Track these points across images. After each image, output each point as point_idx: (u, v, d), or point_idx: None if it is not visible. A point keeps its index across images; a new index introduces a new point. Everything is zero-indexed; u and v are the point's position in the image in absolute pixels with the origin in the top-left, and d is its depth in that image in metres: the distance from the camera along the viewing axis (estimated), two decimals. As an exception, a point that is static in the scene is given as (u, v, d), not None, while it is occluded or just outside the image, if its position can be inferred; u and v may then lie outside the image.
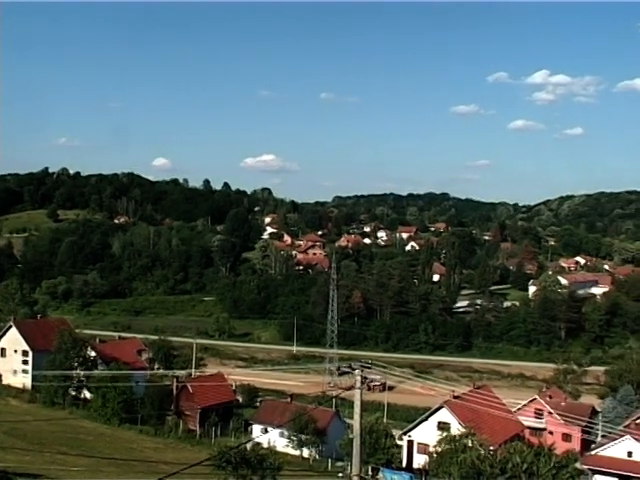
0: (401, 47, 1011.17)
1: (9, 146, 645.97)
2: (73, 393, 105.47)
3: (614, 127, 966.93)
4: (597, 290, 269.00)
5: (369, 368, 31.57)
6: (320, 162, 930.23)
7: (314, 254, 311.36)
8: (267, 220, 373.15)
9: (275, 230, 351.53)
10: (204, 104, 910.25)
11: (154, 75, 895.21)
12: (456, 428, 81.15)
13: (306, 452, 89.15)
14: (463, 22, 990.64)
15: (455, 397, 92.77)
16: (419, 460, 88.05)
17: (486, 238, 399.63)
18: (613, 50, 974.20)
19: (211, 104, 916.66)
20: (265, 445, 64.01)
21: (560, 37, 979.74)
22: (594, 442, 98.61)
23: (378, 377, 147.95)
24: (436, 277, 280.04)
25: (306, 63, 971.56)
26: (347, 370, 29.56)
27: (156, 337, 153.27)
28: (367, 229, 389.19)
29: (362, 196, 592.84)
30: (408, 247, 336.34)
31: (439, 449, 72.68)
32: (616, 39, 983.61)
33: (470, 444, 66.80)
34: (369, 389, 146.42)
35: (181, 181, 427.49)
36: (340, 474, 74.68)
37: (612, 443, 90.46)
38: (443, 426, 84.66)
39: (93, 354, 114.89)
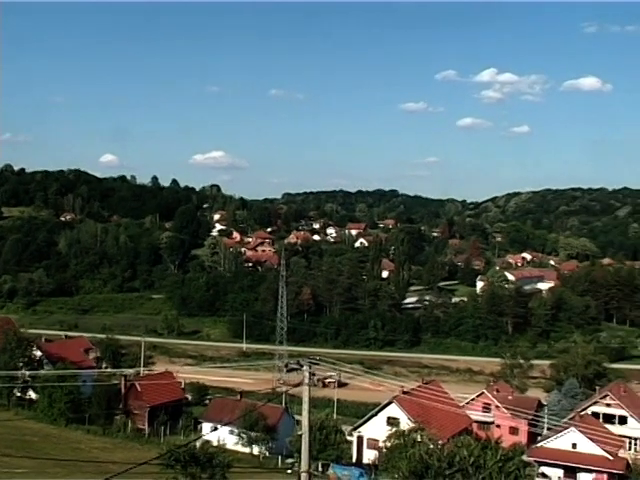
0: (351, 45, 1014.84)
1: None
2: (18, 394, 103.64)
3: (560, 125, 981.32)
4: (543, 285, 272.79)
5: (317, 364, 31.60)
6: (269, 159, 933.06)
7: (263, 251, 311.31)
8: (216, 217, 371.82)
9: (224, 227, 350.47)
10: (152, 100, 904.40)
11: (99, 70, 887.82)
12: (405, 423, 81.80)
13: (256, 449, 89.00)
14: (412, 21, 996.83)
15: (404, 392, 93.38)
16: (369, 455, 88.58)
17: (434, 234, 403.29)
18: (559, 50, 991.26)
19: (159, 100, 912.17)
20: (215, 443, 63.86)
21: (507, 36, 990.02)
22: (540, 434, 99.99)
23: (334, 374, 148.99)
24: (385, 273, 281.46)
25: (256, 59, 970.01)
26: (295, 367, 29.53)
27: (104, 336, 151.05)
28: (316, 226, 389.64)
29: (311, 193, 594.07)
30: (357, 244, 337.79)
31: (388, 444, 73.13)
32: (562, 39, 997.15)
33: (419, 439, 67.32)
34: (324, 386, 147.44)
35: (129, 178, 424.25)
36: (289, 471, 75.04)
37: (557, 435, 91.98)
38: (392, 421, 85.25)
39: (39, 354, 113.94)
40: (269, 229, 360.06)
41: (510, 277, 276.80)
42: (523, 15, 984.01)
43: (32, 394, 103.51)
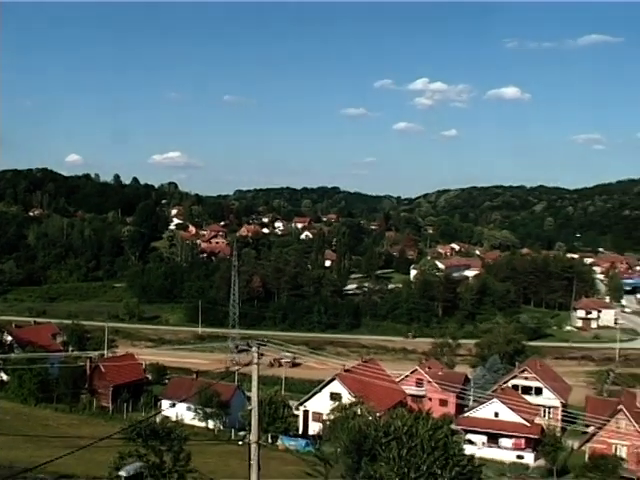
0: (298, 54, 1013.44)
1: None
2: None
3: (484, 130, 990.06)
4: (469, 273, 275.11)
5: (265, 346, 31.62)
6: (222, 158, 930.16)
7: (217, 243, 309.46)
8: (173, 212, 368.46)
9: (181, 221, 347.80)
10: (115, 104, 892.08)
11: (66, 74, 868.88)
12: (346, 398, 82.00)
13: (211, 423, 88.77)
14: (353, 34, 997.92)
15: (345, 370, 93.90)
16: (314, 427, 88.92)
17: (372, 227, 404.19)
18: (483, 62, 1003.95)
19: (121, 104, 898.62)
20: (173, 418, 63.42)
21: (438, 50, 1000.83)
22: (467, 406, 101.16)
23: (288, 355, 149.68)
24: (328, 263, 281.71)
25: (211, 67, 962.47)
26: (245, 348, 29.70)
27: (70, 321, 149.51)
28: (265, 220, 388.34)
29: (261, 190, 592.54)
30: (302, 236, 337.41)
31: (331, 417, 73.32)
32: (486, 53, 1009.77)
33: (359, 412, 67.57)
34: (280, 365, 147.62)
35: (93, 176, 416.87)
36: (240, 442, 74.89)
37: (482, 406, 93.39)
38: (335, 396, 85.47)
39: (9, 338, 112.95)
40: (222, 223, 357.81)
41: (440, 265, 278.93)
42: (452, 31, 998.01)
43: (3, 376, 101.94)
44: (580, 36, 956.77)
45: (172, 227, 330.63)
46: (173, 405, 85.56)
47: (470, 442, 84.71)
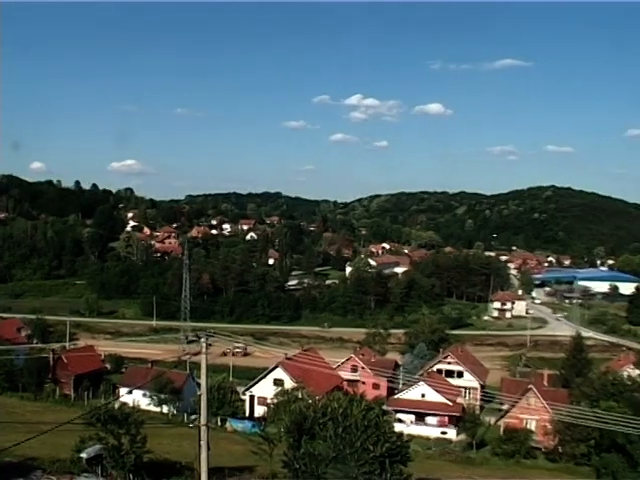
0: (244, 70, 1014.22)
1: None
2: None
3: (412, 141, 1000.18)
4: (399, 269, 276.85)
5: (212, 337, 31.73)
6: (174, 166, 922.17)
7: (169, 243, 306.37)
8: (129, 215, 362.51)
9: (136, 223, 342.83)
10: (76, 115, 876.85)
11: (29, 87, 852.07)
12: (289, 383, 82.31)
13: (165, 408, 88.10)
14: (294, 48, 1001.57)
15: (287, 358, 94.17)
16: (259, 411, 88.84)
17: (311, 229, 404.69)
18: (411, 81, 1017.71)
19: (81, 116, 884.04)
20: (130, 404, 62.96)
21: (371, 68, 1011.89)
22: (397, 388, 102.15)
23: (241, 345, 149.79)
24: (271, 261, 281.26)
25: (163, 81, 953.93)
26: (194, 339, 29.80)
27: (34, 316, 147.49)
28: (214, 222, 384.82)
29: (210, 194, 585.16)
30: (248, 237, 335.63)
31: (275, 401, 73.47)
32: (413, 72, 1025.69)
33: (300, 395, 67.83)
34: (233, 355, 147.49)
35: (55, 182, 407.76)
36: (191, 425, 74.69)
37: (410, 388, 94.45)
38: (278, 382, 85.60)
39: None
40: (174, 225, 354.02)
41: (372, 263, 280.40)
42: (384, 52, 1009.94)
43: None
44: (496, 60, 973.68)
45: (128, 229, 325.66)
46: (130, 392, 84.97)
47: (400, 421, 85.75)
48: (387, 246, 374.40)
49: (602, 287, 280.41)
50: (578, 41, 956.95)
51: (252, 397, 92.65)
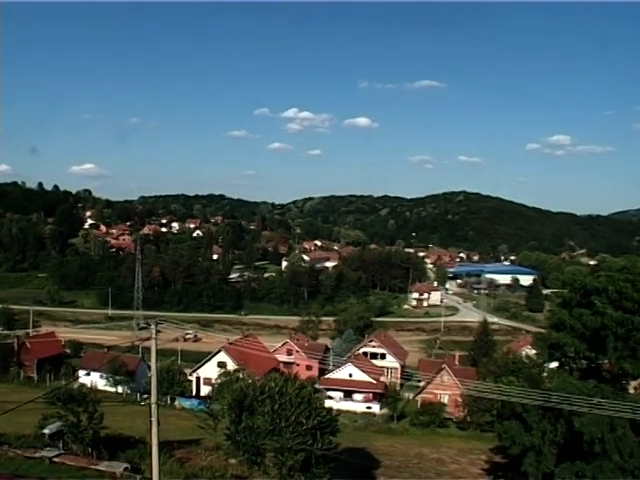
0: (190, 84, 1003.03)
1: None
2: None
3: (342, 150, 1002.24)
4: (329, 264, 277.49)
5: (162, 324, 31.67)
6: (129, 169, 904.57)
7: (124, 240, 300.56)
8: (88, 214, 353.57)
9: (94, 222, 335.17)
10: (40, 122, 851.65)
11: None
12: (231, 365, 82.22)
13: (120, 389, 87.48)
14: (239, 69, 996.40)
15: (230, 343, 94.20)
16: (205, 390, 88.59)
17: (252, 227, 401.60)
18: (341, 96, 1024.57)
19: (44, 123, 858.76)
20: (88, 385, 62.12)
21: (306, 84, 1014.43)
22: (327, 369, 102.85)
23: (192, 331, 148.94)
24: (215, 256, 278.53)
25: (119, 91, 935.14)
26: (145, 326, 29.74)
27: (0, 306, 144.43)
28: (164, 221, 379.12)
29: (161, 196, 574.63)
30: (194, 234, 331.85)
31: (219, 381, 73.35)
32: (343, 89, 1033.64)
33: (241, 376, 67.78)
34: (185, 340, 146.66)
35: (20, 183, 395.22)
36: (142, 403, 74.16)
37: (339, 369, 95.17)
38: (222, 364, 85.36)
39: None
40: (128, 223, 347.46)
41: (306, 258, 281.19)
42: (317, 71, 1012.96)
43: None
44: (416, 80, 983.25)
45: (86, 227, 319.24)
46: (88, 374, 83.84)
47: (330, 397, 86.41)
48: (319, 243, 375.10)
49: (505, 279, 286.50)
50: (483, 72, 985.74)
51: (198, 378, 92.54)
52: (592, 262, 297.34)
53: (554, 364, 45.33)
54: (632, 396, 39.15)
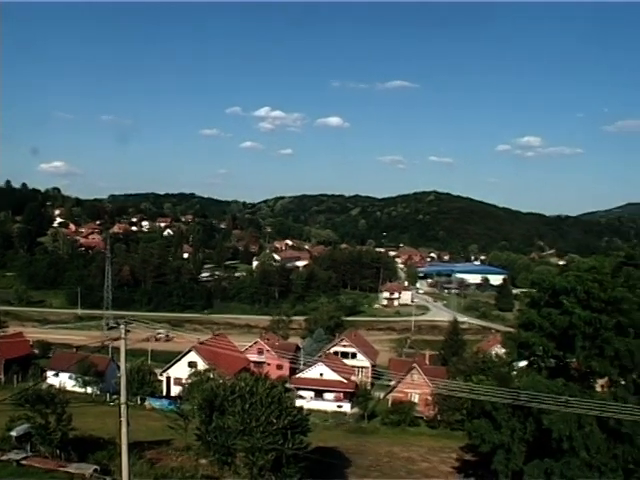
0: (164, 83, 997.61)
1: None
2: None
3: (314, 149, 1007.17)
4: (300, 263, 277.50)
5: (131, 324, 31.50)
6: (99, 168, 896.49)
7: (93, 239, 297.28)
8: (56, 212, 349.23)
9: (63, 220, 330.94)
10: (9, 121, 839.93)
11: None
12: (201, 365, 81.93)
13: (89, 389, 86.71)
14: (212, 70, 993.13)
15: (200, 343, 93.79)
16: (175, 390, 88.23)
17: (222, 227, 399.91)
18: (313, 96, 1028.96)
19: (14, 121, 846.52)
20: (57, 386, 61.46)
21: (278, 83, 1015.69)
22: (298, 369, 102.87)
23: (163, 331, 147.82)
24: (185, 255, 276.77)
25: (90, 89, 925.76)
26: (114, 326, 29.52)
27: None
28: (134, 219, 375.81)
29: (131, 194, 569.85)
30: (165, 233, 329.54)
31: (189, 381, 73.09)
32: (315, 88, 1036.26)
33: (211, 376, 67.65)
34: (157, 340, 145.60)
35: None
36: (112, 403, 73.52)
37: (310, 368, 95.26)
38: (192, 364, 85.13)
39: None
40: (98, 222, 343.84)
41: (277, 257, 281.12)
42: (289, 71, 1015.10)
43: None
44: (388, 81, 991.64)
45: (55, 225, 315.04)
46: (57, 375, 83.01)
47: (301, 397, 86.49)
48: (290, 242, 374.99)
49: (475, 279, 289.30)
50: (455, 73, 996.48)
51: (169, 378, 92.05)
52: (561, 262, 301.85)
53: (523, 363, 45.80)
54: (599, 394, 39.70)
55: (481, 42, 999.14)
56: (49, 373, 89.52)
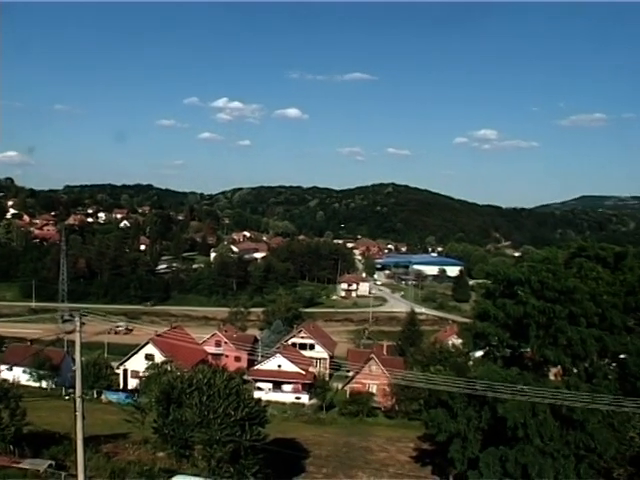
0: (120, 72, 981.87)
1: None
2: None
3: (272, 140, 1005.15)
4: (258, 255, 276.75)
5: (86, 316, 31.06)
6: (54, 158, 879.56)
7: (48, 230, 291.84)
8: (10, 203, 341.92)
9: (17, 211, 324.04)
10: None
11: None
12: (159, 357, 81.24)
13: (44, 383, 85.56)
14: (165, 55, 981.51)
15: (158, 335, 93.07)
16: (132, 383, 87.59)
17: (180, 218, 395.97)
18: (272, 87, 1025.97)
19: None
20: (10, 380, 60.28)
21: (237, 74, 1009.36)
22: (256, 360, 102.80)
23: (123, 324, 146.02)
24: (143, 247, 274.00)
25: (42, 76, 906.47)
26: (69, 318, 29.09)
27: None
28: (90, 211, 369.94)
29: (86, 185, 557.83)
30: (121, 225, 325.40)
31: (146, 374, 72.40)
32: (274, 80, 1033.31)
33: (169, 369, 67.05)
34: (116, 333, 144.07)
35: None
36: (67, 397, 72.56)
37: (268, 360, 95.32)
38: (149, 357, 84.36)
39: None
40: (53, 213, 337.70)
41: (234, 249, 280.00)
42: (248, 62, 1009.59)
43: None
44: (347, 73, 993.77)
45: (9, 216, 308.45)
46: (10, 369, 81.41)
47: (259, 389, 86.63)
48: (248, 234, 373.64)
49: (432, 270, 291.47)
50: (413, 66, 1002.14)
51: (125, 371, 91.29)
52: (516, 254, 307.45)
53: (479, 353, 46.49)
54: (553, 382, 40.50)
55: (439, 37, 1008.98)
56: (2, 367, 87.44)
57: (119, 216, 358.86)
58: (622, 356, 42.24)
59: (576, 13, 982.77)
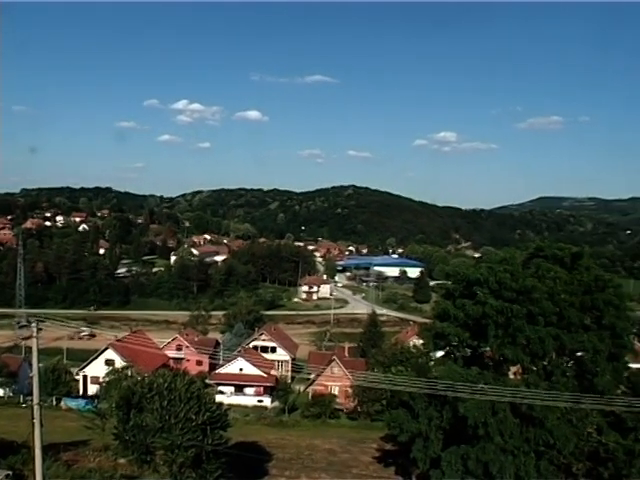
0: (78, 73, 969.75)
1: None
2: None
3: (232, 143, 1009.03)
4: (219, 258, 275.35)
5: (43, 322, 30.48)
6: (9, 161, 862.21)
7: (4, 234, 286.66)
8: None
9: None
10: None
11: None
12: (119, 363, 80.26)
13: (1, 391, 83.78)
14: (126, 56, 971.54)
15: (118, 340, 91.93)
16: (92, 389, 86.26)
17: (139, 221, 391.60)
18: (232, 89, 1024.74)
19: None
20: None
21: (197, 76, 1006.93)
22: (218, 364, 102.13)
23: (86, 329, 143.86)
24: (102, 251, 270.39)
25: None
26: (25, 324, 28.42)
27: None
28: (48, 214, 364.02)
29: (44, 188, 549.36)
30: (80, 228, 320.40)
31: (107, 379, 71.43)
32: (235, 82, 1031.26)
33: (129, 374, 66.35)
34: (80, 338, 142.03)
35: None
36: (24, 405, 71.19)
37: (230, 363, 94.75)
38: (109, 362, 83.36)
39: None
40: (9, 217, 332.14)
41: (195, 252, 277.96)
42: (205, 63, 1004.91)
43: None
44: (308, 75, 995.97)
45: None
46: (-36, 378, 79.91)
47: (221, 392, 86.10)
48: (208, 237, 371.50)
49: (393, 272, 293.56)
50: (374, 69, 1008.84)
51: (85, 377, 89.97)
52: (476, 254, 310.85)
53: (440, 353, 46.83)
54: (512, 381, 41.02)
55: (399, 40, 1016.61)
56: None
57: (78, 219, 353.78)
58: (579, 354, 42.94)
59: (536, 16, 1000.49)
